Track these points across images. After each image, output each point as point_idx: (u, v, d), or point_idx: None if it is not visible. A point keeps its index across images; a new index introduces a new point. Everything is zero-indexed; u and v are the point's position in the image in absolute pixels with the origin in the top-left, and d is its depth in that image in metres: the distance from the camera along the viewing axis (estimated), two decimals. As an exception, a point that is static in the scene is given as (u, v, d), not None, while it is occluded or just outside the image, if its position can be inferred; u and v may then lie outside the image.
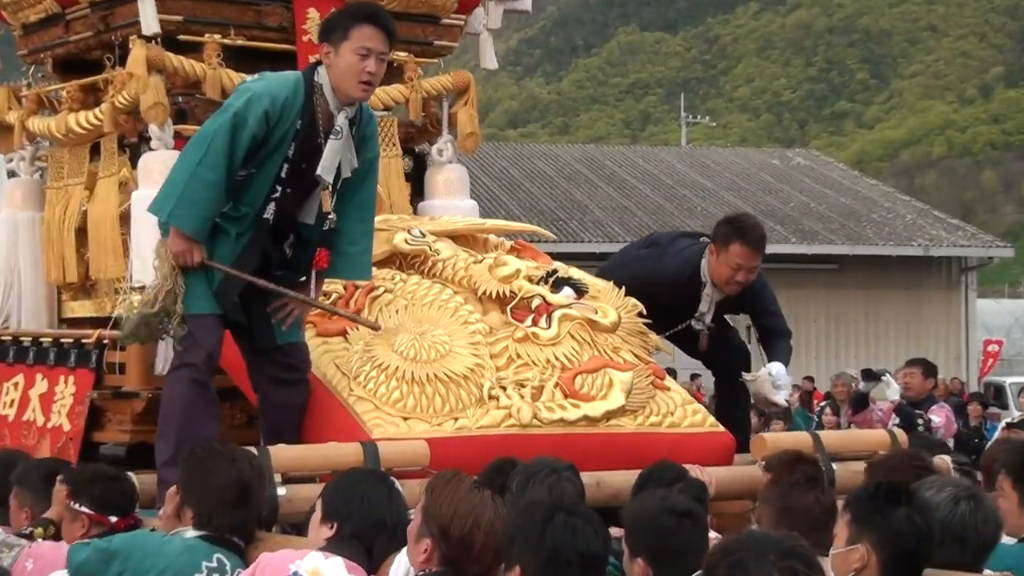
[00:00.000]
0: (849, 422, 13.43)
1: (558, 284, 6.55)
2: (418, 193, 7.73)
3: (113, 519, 5.40)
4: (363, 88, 5.85)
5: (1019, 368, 31.82)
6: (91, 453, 6.71)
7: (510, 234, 7.40)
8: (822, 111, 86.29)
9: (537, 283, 6.52)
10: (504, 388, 6.07)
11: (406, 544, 4.27)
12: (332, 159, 5.84)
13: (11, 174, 8.09)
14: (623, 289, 6.76)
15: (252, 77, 6.02)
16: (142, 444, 6.46)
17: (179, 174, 5.76)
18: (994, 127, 76.28)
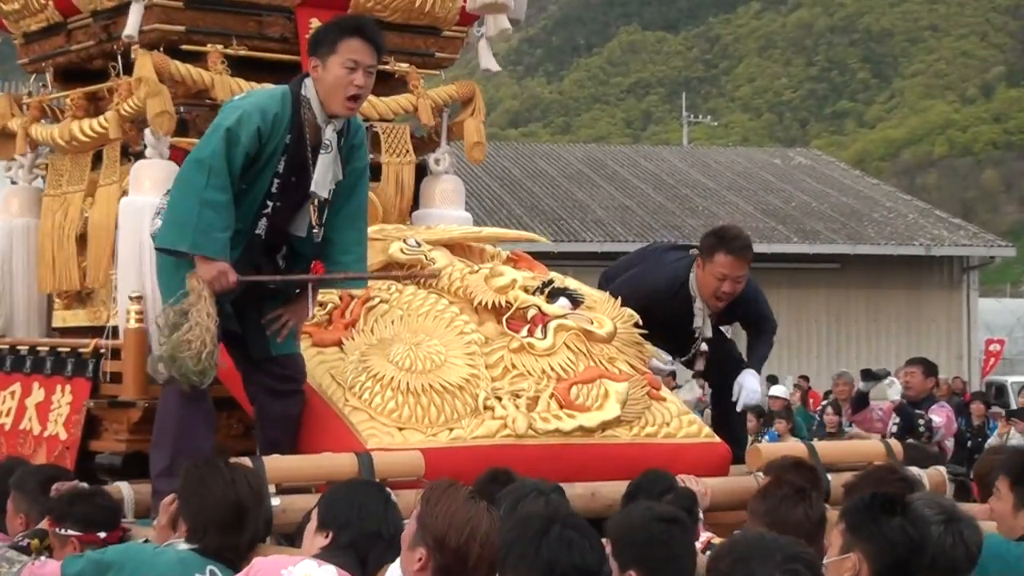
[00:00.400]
0: (849, 421, 13.44)
1: (554, 294, 6.55)
2: (413, 203, 7.73)
3: (102, 535, 5.40)
4: (349, 105, 5.84)
5: (1021, 367, 31.77)
6: (87, 462, 6.70)
7: (506, 243, 7.41)
8: (823, 110, 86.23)
9: (533, 293, 6.52)
10: (499, 398, 6.08)
11: (400, 555, 4.28)
12: (324, 174, 5.84)
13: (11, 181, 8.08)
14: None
15: (239, 95, 6.00)
16: (138, 453, 6.44)
17: (186, 204, 5.64)
18: (995, 126, 76.20)
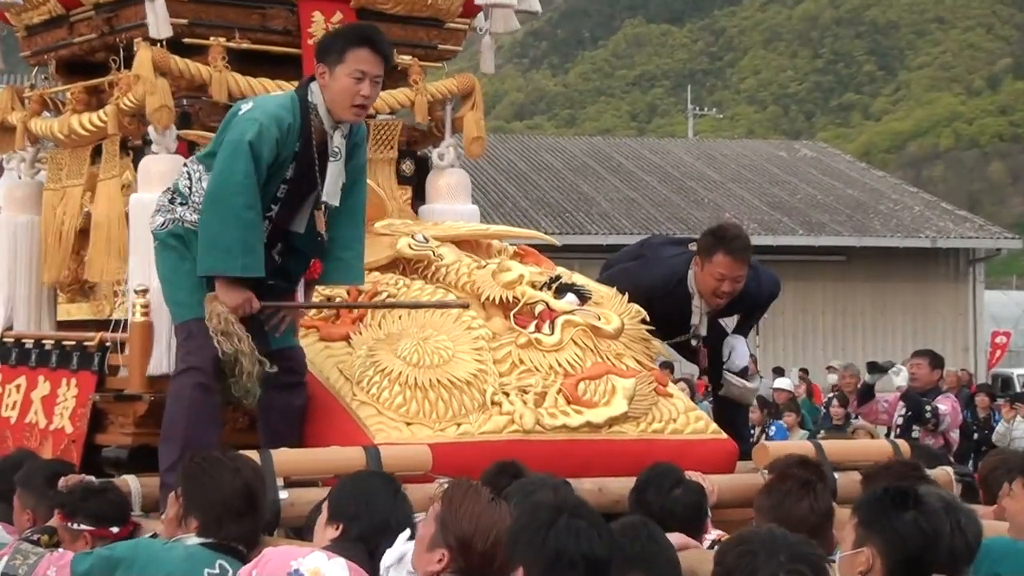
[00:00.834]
0: (855, 413, 13.43)
1: (561, 290, 6.53)
2: (419, 197, 7.70)
3: (114, 530, 5.41)
4: (355, 112, 5.85)
5: (1027, 359, 31.85)
6: (93, 456, 6.69)
7: (513, 240, 7.39)
8: (829, 103, 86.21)
9: (540, 289, 6.50)
10: (507, 394, 6.07)
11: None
12: (335, 182, 5.88)
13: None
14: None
15: (245, 105, 5.93)
16: (144, 447, 6.43)
17: (228, 227, 5.64)
18: (1001, 119, 76.17)
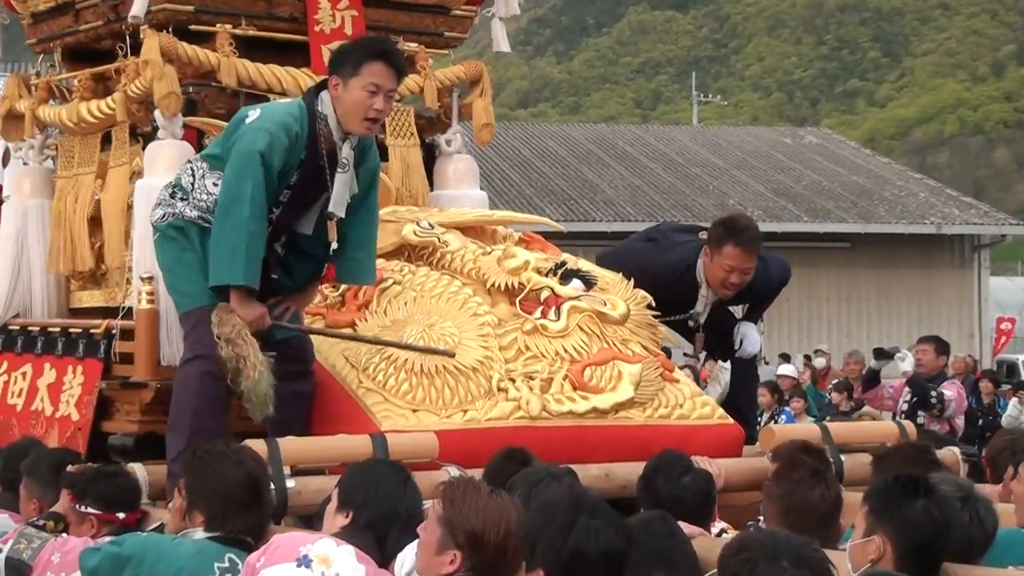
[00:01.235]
0: (860, 399, 13.43)
1: (567, 276, 6.53)
2: (428, 184, 7.71)
3: (121, 515, 5.42)
4: (367, 125, 5.86)
5: (1032, 345, 31.78)
6: (99, 443, 6.70)
7: (518, 225, 7.39)
8: (833, 89, 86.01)
9: (546, 275, 6.49)
10: (513, 380, 6.07)
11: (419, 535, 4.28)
12: (342, 193, 5.89)
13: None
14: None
15: (252, 113, 5.88)
16: (151, 434, 6.45)
17: (235, 236, 5.65)
18: (1006, 105, 75.99)
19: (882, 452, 5.75)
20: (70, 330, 7.13)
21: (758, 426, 7.99)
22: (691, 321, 7.25)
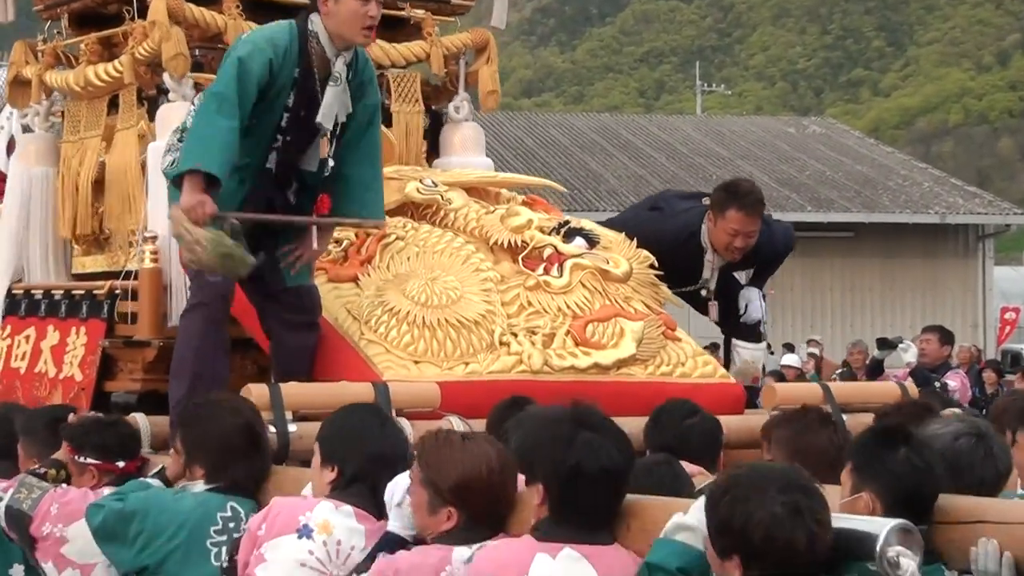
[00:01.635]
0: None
1: (570, 234, 6.54)
2: (434, 151, 7.73)
3: (120, 464, 5.43)
4: (365, 34, 5.88)
5: (1037, 335, 31.74)
6: (103, 403, 6.72)
7: (522, 188, 7.40)
8: (838, 79, 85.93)
9: (549, 233, 6.52)
10: (515, 335, 6.07)
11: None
12: (331, 106, 5.88)
13: (25, 129, 8.06)
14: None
15: (245, 33, 5.99)
16: (153, 392, 6.47)
17: (197, 131, 5.72)
18: (1011, 94, 75.89)
19: (884, 410, 5.74)
20: (73, 292, 7.14)
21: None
22: (703, 290, 7.26)
